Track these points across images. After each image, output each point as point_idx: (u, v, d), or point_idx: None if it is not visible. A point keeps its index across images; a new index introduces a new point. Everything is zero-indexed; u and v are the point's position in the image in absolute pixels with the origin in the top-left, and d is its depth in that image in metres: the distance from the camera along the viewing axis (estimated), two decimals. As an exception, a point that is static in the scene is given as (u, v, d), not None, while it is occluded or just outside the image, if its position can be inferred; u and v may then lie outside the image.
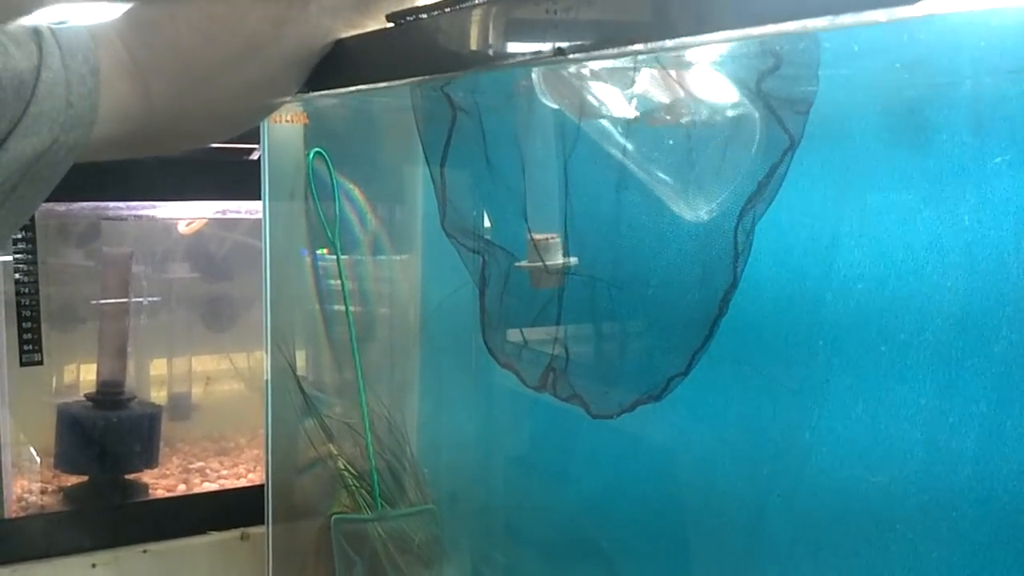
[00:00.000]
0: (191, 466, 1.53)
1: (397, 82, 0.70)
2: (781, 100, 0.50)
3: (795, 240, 0.66)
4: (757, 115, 0.51)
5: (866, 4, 0.37)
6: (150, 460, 1.41)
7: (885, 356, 0.61)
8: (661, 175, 0.60)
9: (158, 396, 1.58)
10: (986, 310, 0.56)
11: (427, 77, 0.65)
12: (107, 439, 1.36)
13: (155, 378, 1.61)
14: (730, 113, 0.54)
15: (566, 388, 0.69)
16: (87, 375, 1.47)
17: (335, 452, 1.16)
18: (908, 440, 0.62)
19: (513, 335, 0.80)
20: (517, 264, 0.68)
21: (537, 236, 0.69)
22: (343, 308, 1.14)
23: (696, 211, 0.57)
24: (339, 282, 1.13)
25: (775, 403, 0.69)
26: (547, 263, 0.67)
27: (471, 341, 0.95)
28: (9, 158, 0.57)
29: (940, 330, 0.58)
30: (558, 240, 0.68)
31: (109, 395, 1.38)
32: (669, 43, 0.48)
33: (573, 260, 0.67)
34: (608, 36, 0.51)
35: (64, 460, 1.37)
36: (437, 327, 1.15)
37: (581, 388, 0.70)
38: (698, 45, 0.47)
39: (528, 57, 0.57)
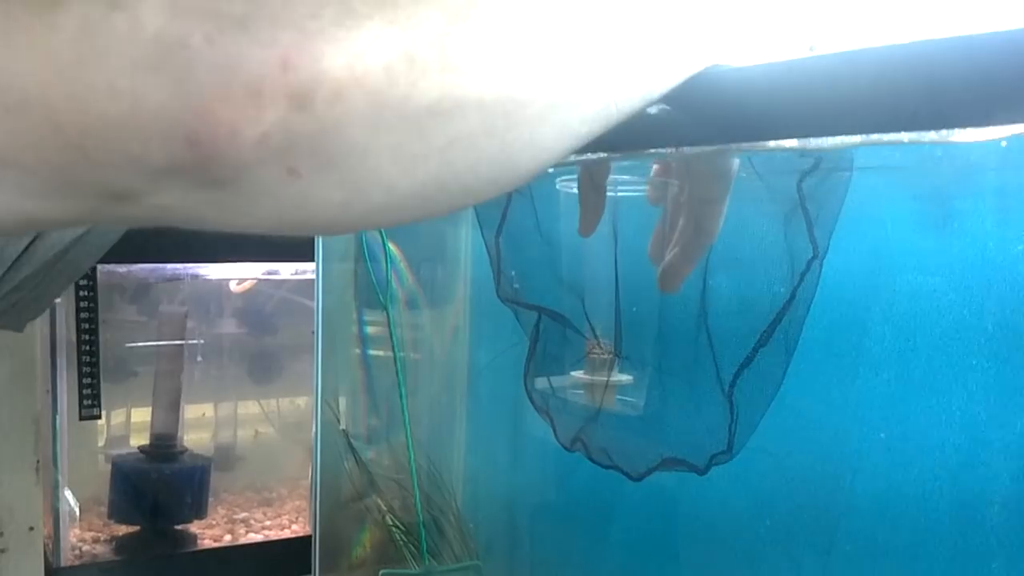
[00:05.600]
0: (236, 516, 1.57)
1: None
2: (818, 203, 0.54)
3: (825, 317, 0.69)
4: (789, 222, 0.55)
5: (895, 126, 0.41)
6: (199, 511, 1.46)
7: (911, 432, 0.65)
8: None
9: (201, 441, 1.62)
10: (1011, 393, 0.60)
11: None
12: (159, 491, 1.41)
13: (202, 427, 1.66)
14: (763, 218, 0.58)
15: (602, 456, 0.73)
16: (139, 427, 1.52)
17: (382, 506, 1.20)
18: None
19: (555, 389, 0.84)
20: (574, 373, 0.72)
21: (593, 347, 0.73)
22: (391, 364, 1.19)
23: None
24: (388, 341, 1.18)
25: (811, 476, 0.73)
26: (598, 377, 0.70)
27: (517, 399, 0.99)
28: (59, 232, 0.62)
29: (965, 409, 0.62)
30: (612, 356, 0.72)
31: (162, 448, 1.43)
32: (708, 148, 0.52)
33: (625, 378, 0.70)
34: (646, 138, 0.56)
35: (117, 511, 1.42)
36: (484, 385, 1.19)
37: (614, 453, 0.74)
38: (736, 150, 0.52)
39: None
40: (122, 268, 1.37)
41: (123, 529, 1.44)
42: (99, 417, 1.32)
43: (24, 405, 1.23)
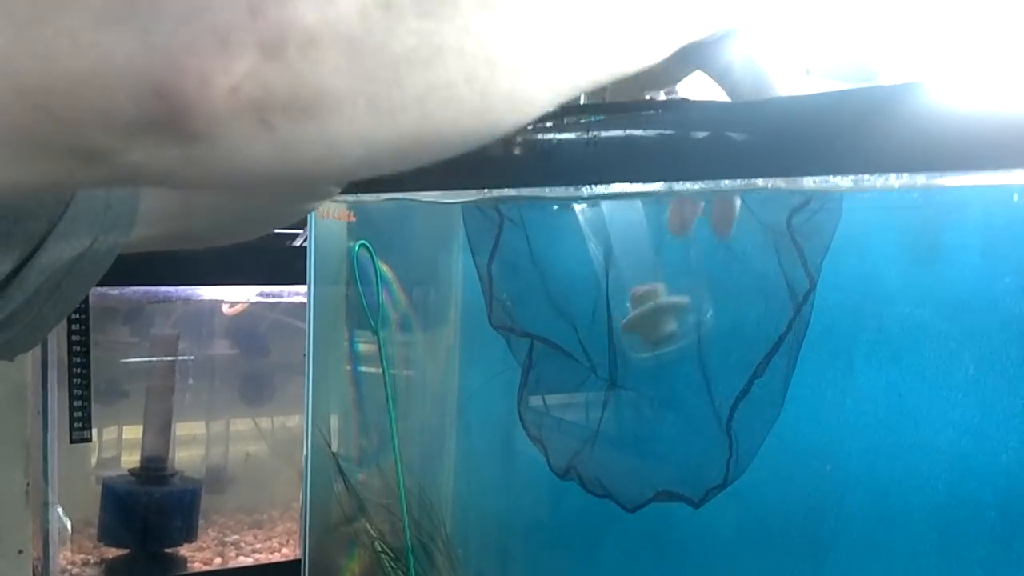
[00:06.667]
0: (226, 539, 1.57)
1: (445, 195, 0.75)
2: (806, 235, 0.55)
3: (813, 347, 0.69)
4: (780, 255, 0.56)
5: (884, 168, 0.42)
6: (189, 534, 1.45)
7: (899, 463, 0.66)
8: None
9: (193, 461, 1.62)
10: (998, 426, 0.61)
11: (475, 195, 0.70)
12: (149, 514, 1.41)
13: (193, 449, 1.66)
14: (755, 251, 0.59)
15: (596, 486, 0.73)
16: (130, 443, 1.52)
17: (371, 531, 1.20)
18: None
19: (547, 421, 0.85)
20: (624, 323, 0.70)
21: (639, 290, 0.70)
22: (382, 389, 1.19)
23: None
24: (379, 365, 1.18)
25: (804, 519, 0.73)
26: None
27: (508, 423, 0.99)
28: (49, 257, 0.60)
29: (953, 441, 0.63)
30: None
31: (152, 471, 1.43)
32: (698, 185, 0.53)
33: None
34: (642, 171, 0.56)
35: (107, 533, 1.41)
36: (475, 409, 1.19)
37: (607, 482, 0.74)
38: (730, 189, 0.53)
39: (570, 186, 0.62)
40: (114, 291, 1.37)
41: (113, 552, 1.43)
42: (89, 440, 1.32)
43: (14, 427, 1.22)
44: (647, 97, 0.60)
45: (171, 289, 1.42)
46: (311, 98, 0.32)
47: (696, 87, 0.64)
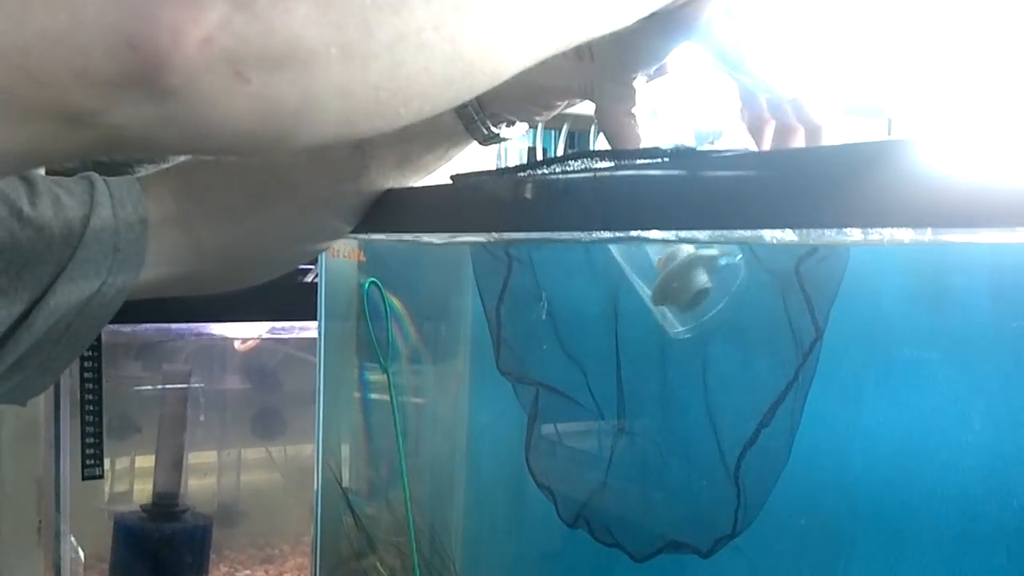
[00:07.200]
0: (237, 574, 1.57)
1: (455, 236, 0.75)
2: (814, 284, 0.55)
3: (818, 398, 0.69)
4: (788, 303, 0.56)
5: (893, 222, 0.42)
6: (200, 571, 1.45)
7: (907, 507, 0.65)
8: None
9: (204, 493, 1.62)
10: (1009, 471, 0.60)
11: (483, 237, 0.71)
12: (161, 551, 1.41)
13: (204, 483, 1.66)
14: (763, 298, 0.59)
15: (605, 535, 0.73)
16: (142, 479, 1.52)
17: (382, 569, 1.19)
18: None
19: (556, 469, 0.84)
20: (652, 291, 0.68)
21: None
22: (391, 427, 1.19)
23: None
24: (389, 403, 1.18)
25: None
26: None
27: (517, 466, 0.99)
28: (58, 300, 0.60)
29: (958, 496, 0.62)
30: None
31: (164, 507, 1.43)
32: (703, 234, 0.53)
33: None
34: (649, 218, 0.57)
35: (119, 570, 1.41)
36: (484, 451, 1.19)
37: (616, 531, 0.74)
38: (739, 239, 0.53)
39: (574, 230, 0.62)
40: (127, 327, 1.38)
41: (124, 589, 1.43)
42: (101, 477, 1.32)
43: (27, 464, 1.23)
44: (636, 77, 0.60)
45: (183, 326, 1.43)
46: (284, 48, 0.33)
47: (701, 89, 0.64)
